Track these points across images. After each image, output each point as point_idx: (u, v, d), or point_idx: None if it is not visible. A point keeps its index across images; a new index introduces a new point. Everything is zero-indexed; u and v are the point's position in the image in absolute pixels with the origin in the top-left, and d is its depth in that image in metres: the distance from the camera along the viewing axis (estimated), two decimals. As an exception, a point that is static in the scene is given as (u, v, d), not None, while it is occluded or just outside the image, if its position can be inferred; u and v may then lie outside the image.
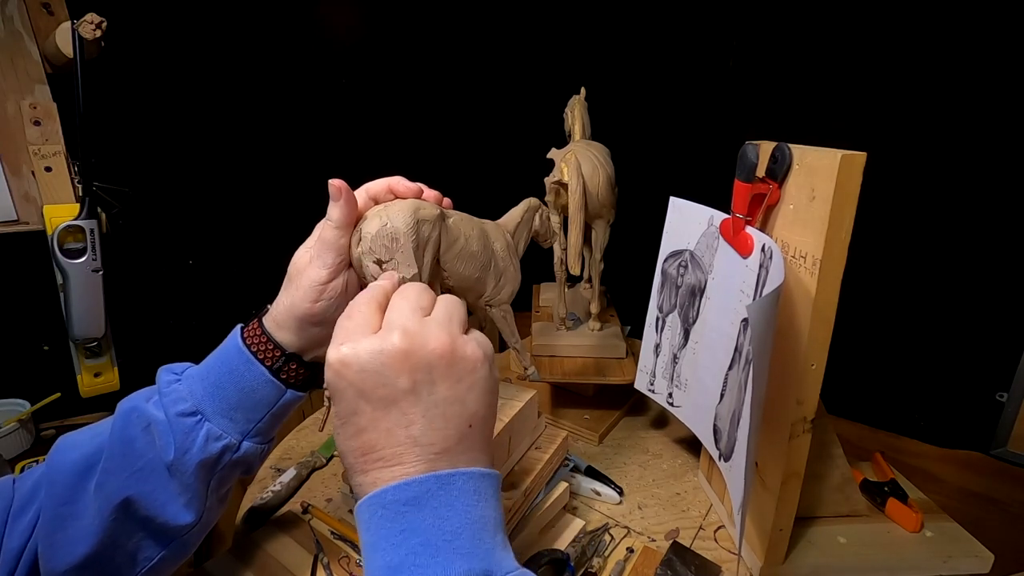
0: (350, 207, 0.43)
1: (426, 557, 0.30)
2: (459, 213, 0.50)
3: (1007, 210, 0.77)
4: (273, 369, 0.45)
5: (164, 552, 0.45)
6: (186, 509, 0.44)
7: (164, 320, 0.98)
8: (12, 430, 0.79)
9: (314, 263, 0.44)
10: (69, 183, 0.76)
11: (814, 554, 0.58)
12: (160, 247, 0.95)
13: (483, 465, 0.35)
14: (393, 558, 0.31)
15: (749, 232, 0.51)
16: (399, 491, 0.32)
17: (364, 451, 0.33)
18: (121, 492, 0.42)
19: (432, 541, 0.31)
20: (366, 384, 0.33)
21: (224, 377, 0.45)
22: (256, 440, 0.46)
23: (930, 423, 0.86)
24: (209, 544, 0.72)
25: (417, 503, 0.32)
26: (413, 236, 0.43)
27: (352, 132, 1.12)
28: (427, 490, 0.32)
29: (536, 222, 0.60)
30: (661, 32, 1.06)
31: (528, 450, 0.59)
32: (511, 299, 0.56)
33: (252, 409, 0.45)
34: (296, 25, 1.01)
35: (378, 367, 0.33)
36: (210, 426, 0.44)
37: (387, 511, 0.32)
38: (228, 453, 0.44)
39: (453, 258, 0.48)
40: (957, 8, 0.76)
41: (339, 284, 0.44)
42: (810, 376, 0.48)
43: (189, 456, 0.43)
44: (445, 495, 0.32)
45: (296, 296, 0.44)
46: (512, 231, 0.57)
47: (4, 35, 0.72)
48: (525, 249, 0.59)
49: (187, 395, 0.44)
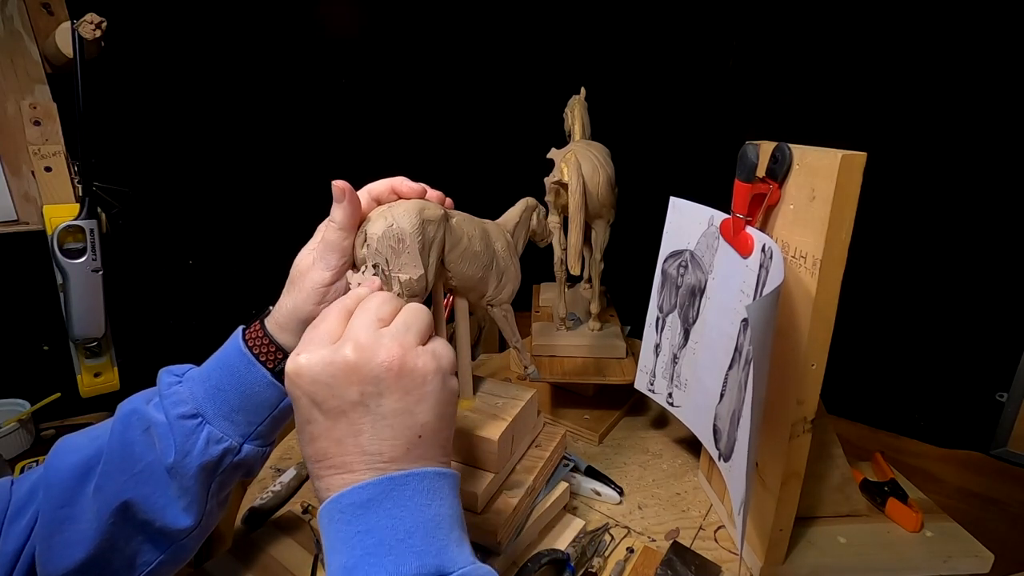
0: (354, 208, 0.43)
1: (379, 556, 0.31)
2: (461, 213, 0.50)
3: (1007, 210, 0.77)
4: (275, 371, 0.45)
5: (163, 556, 0.45)
6: (186, 513, 0.44)
7: (164, 320, 0.98)
8: (12, 430, 0.79)
9: (317, 265, 0.44)
10: (69, 183, 0.76)
11: (814, 554, 0.58)
12: (160, 247, 0.95)
13: (437, 466, 0.36)
14: (348, 559, 0.31)
15: (749, 232, 0.51)
16: (354, 494, 0.33)
17: (318, 458, 0.34)
18: (120, 495, 0.42)
19: (386, 540, 0.32)
20: (318, 395, 0.34)
21: (225, 379, 0.44)
22: (257, 443, 0.46)
23: (930, 423, 0.86)
24: (209, 544, 0.72)
25: (371, 505, 0.32)
26: (419, 237, 0.43)
27: (352, 132, 1.12)
28: (381, 492, 0.33)
29: (534, 221, 0.60)
30: (661, 32, 1.06)
31: (528, 448, 0.60)
32: (512, 298, 0.56)
33: (253, 412, 0.45)
34: (296, 25, 1.01)
35: (328, 379, 0.34)
36: (211, 429, 0.43)
37: (344, 514, 0.33)
38: (229, 456, 0.44)
39: (457, 258, 0.48)
40: (957, 8, 0.76)
41: (342, 286, 0.44)
42: (810, 376, 0.48)
43: (190, 459, 0.43)
44: (399, 496, 0.33)
45: (299, 298, 0.44)
46: (511, 230, 0.57)
47: (4, 35, 0.72)
48: (524, 248, 0.59)
49: (188, 397, 0.44)
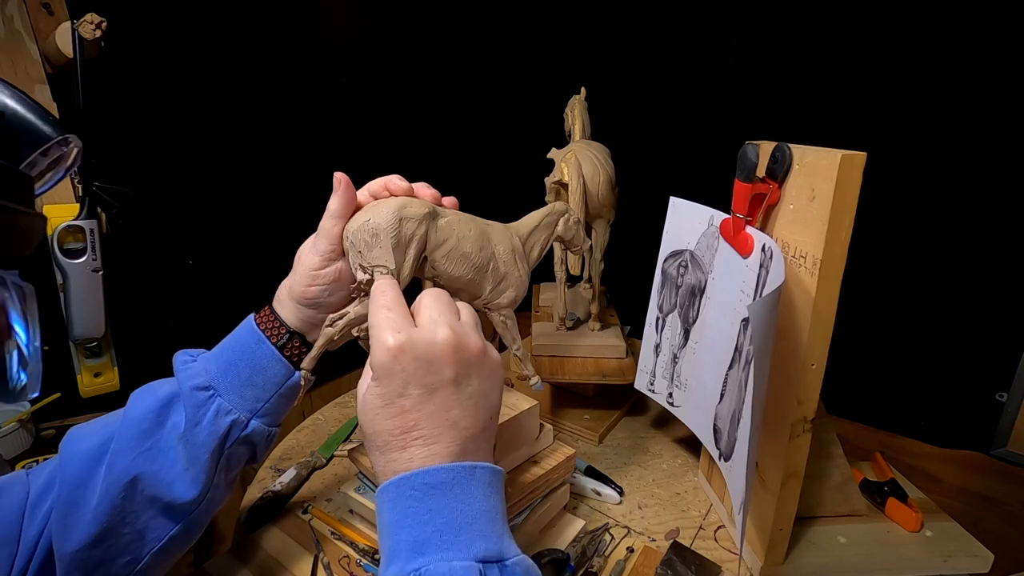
0: (346, 199, 0.46)
1: (451, 536, 0.34)
2: (459, 213, 0.50)
3: (1007, 210, 0.77)
4: (279, 346, 0.48)
5: (172, 532, 0.47)
6: (193, 484, 0.46)
7: (164, 320, 0.98)
8: (12, 430, 0.79)
9: (311, 250, 0.47)
10: (69, 183, 0.76)
11: (814, 554, 0.58)
12: (160, 247, 0.95)
13: (491, 460, 0.39)
14: (420, 535, 0.34)
15: (749, 232, 0.51)
16: (428, 475, 0.35)
17: (405, 430, 0.37)
18: (130, 471, 0.44)
19: (456, 522, 0.34)
20: (418, 371, 0.36)
21: (237, 355, 0.48)
22: (264, 421, 0.49)
23: (930, 423, 0.86)
24: (209, 544, 0.72)
25: (443, 487, 0.35)
26: (393, 232, 0.44)
27: (352, 132, 1.12)
28: (453, 477, 0.36)
29: (560, 227, 0.58)
30: (661, 32, 1.06)
31: (523, 463, 0.58)
32: (513, 305, 0.54)
33: (261, 387, 0.48)
34: (296, 25, 1.01)
35: (429, 357, 0.37)
36: (221, 401, 0.47)
37: (415, 492, 0.35)
38: (236, 429, 0.47)
39: (442, 257, 0.47)
40: (957, 8, 0.76)
41: (331, 272, 0.47)
42: (810, 376, 0.48)
43: (199, 429, 0.46)
44: (467, 483, 0.36)
45: (295, 279, 0.48)
46: (525, 235, 0.54)
47: (4, 35, 0.72)
48: (542, 255, 0.56)
49: (202, 371, 0.47)
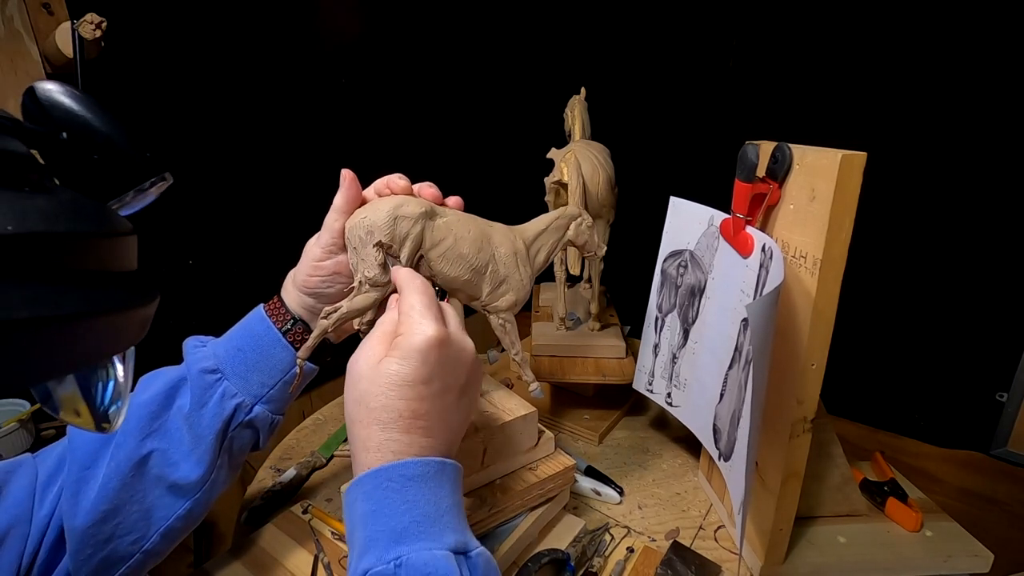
0: (350, 195, 0.48)
1: (427, 526, 0.35)
2: (460, 213, 0.50)
3: (1007, 210, 0.77)
4: (283, 331, 0.51)
5: (178, 511, 0.48)
6: (198, 464, 0.47)
7: (164, 320, 0.98)
8: (12, 430, 0.79)
9: (316, 242, 0.50)
10: (69, 183, 0.76)
11: (814, 554, 0.58)
12: (160, 247, 0.95)
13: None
14: (398, 524, 0.35)
15: (749, 232, 0.51)
16: (406, 467, 0.37)
17: (416, 415, 0.38)
18: (139, 450, 0.46)
19: (430, 514, 0.36)
20: (445, 368, 0.39)
21: (245, 340, 0.50)
22: (268, 407, 0.50)
23: (930, 423, 0.86)
24: (209, 544, 0.72)
25: (420, 480, 0.37)
26: (387, 231, 0.45)
27: (352, 132, 1.12)
28: (428, 470, 0.37)
29: (571, 232, 0.55)
30: (661, 32, 1.06)
31: (517, 470, 0.57)
32: (513, 308, 0.52)
33: (267, 373, 0.50)
34: (296, 25, 1.01)
35: (458, 360, 0.40)
36: (227, 384, 0.49)
37: (392, 483, 0.36)
38: (241, 413, 0.49)
39: (438, 257, 0.47)
40: (957, 8, 0.76)
41: (331, 264, 0.49)
42: (810, 376, 0.48)
43: (205, 410, 0.48)
44: (440, 477, 0.38)
45: (300, 268, 0.51)
46: (530, 239, 0.53)
47: (4, 35, 0.72)
48: (550, 259, 0.55)
49: (211, 356, 0.49)
